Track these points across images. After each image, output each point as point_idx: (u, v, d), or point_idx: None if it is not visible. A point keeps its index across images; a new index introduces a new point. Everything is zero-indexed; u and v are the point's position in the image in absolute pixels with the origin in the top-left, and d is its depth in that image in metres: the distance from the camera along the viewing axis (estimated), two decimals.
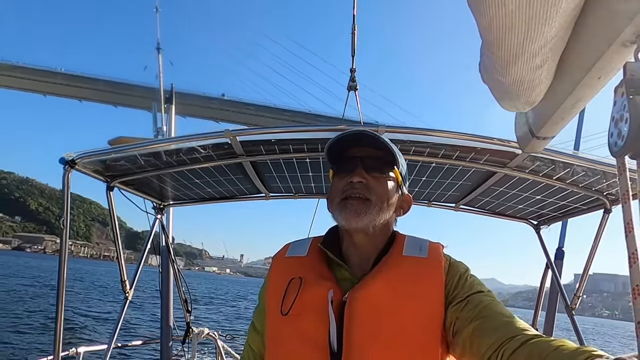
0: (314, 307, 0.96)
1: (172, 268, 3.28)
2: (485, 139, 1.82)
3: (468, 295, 0.94)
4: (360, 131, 1.04)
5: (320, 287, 0.98)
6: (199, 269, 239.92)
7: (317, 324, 0.94)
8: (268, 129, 1.99)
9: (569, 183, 2.09)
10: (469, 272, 1.02)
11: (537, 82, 0.73)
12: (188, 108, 55.56)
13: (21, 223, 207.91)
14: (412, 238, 1.09)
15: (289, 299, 0.98)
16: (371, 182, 1.02)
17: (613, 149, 0.59)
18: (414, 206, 1.13)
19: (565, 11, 0.57)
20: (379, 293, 0.95)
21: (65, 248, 2.14)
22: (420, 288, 0.97)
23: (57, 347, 2.05)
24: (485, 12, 0.57)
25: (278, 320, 0.99)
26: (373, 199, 1.01)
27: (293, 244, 1.16)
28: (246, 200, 2.83)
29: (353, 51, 3.43)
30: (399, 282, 0.97)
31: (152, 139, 5.44)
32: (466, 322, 0.90)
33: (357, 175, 1.01)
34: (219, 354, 3.63)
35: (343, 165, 1.06)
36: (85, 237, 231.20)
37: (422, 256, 1.02)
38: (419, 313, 0.94)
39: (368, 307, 0.94)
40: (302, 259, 1.09)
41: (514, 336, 0.80)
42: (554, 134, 0.95)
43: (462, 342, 0.89)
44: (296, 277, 1.01)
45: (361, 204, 1.00)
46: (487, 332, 0.85)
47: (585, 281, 2.56)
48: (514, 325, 0.84)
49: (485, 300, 0.93)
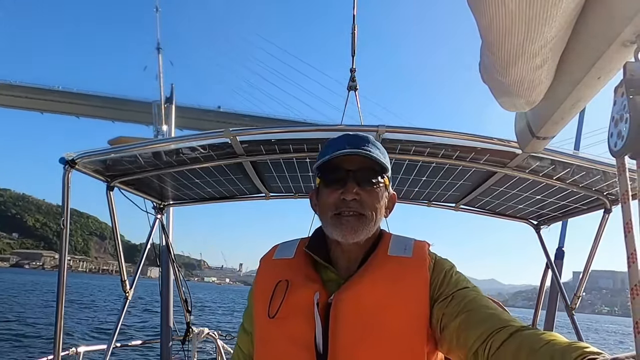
0: (300, 309, 0.97)
1: (172, 268, 3.28)
2: (486, 139, 1.82)
3: (453, 292, 0.95)
4: (355, 153, 1.00)
5: (306, 290, 0.99)
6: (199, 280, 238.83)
7: (303, 326, 0.95)
8: (268, 129, 1.99)
9: (569, 183, 2.09)
10: (454, 269, 1.03)
11: (537, 82, 0.73)
12: (185, 121, 56.32)
13: (19, 240, 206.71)
14: (398, 237, 1.10)
15: (276, 302, 0.99)
16: (364, 196, 1.00)
17: (613, 149, 0.59)
18: (413, 206, 1.12)
19: (566, 11, 0.57)
20: (363, 294, 0.96)
21: (66, 248, 2.14)
22: (405, 287, 0.97)
23: (57, 347, 2.05)
24: (485, 12, 0.57)
25: (265, 322, 1.00)
26: (367, 214, 1.01)
27: (281, 246, 1.16)
28: (246, 200, 2.83)
29: (353, 51, 3.43)
30: (384, 283, 0.97)
31: (152, 138, 5.44)
32: (452, 317, 0.90)
33: (349, 192, 0.99)
34: (219, 353, 3.63)
35: (334, 177, 1.03)
36: (83, 252, 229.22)
37: (407, 255, 1.03)
38: (405, 312, 0.94)
39: (353, 308, 0.95)
40: (289, 261, 1.09)
41: (501, 327, 0.80)
42: (554, 134, 0.95)
43: (449, 336, 0.90)
44: (283, 279, 1.02)
45: (357, 221, 1.00)
46: (474, 324, 0.86)
47: (586, 280, 2.57)
48: (501, 316, 0.85)
49: (471, 294, 0.94)
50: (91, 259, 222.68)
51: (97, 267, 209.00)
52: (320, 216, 1.08)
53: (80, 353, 2.91)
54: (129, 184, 2.44)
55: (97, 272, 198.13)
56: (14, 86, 63.02)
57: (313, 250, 1.07)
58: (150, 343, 4.16)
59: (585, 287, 2.59)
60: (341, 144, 1.03)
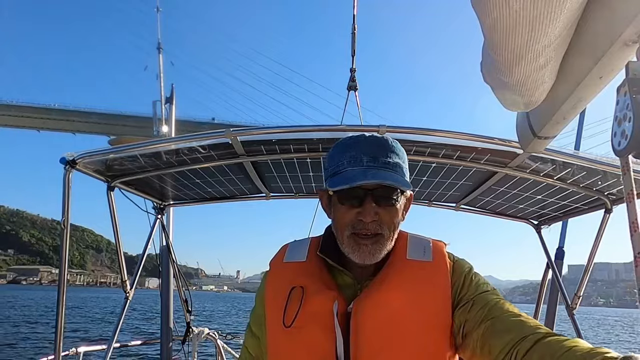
0: (318, 319, 0.93)
1: (172, 268, 3.27)
2: (486, 138, 1.82)
3: (474, 296, 0.93)
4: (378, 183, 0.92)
5: (324, 298, 0.95)
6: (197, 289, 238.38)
7: (322, 337, 0.92)
8: (269, 129, 1.99)
9: (569, 183, 2.09)
10: (473, 271, 1.01)
11: (540, 82, 0.73)
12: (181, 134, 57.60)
13: (14, 256, 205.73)
14: (415, 238, 1.07)
15: (292, 310, 0.94)
16: (382, 215, 0.95)
17: (616, 148, 0.59)
18: (412, 206, 1.11)
19: (569, 11, 0.57)
20: (384, 303, 0.93)
21: (66, 248, 2.14)
22: (427, 293, 0.94)
23: (58, 347, 2.04)
24: (489, 12, 0.57)
25: (281, 332, 0.95)
26: (385, 233, 0.96)
27: (291, 246, 1.11)
28: (247, 200, 2.83)
29: (353, 51, 3.44)
30: (405, 290, 0.94)
31: (153, 138, 5.43)
32: (475, 324, 0.88)
33: (368, 213, 0.93)
34: (219, 353, 3.62)
35: (350, 194, 0.95)
36: (79, 265, 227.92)
37: (427, 259, 1.00)
38: (427, 320, 0.92)
39: (374, 318, 0.91)
40: (302, 264, 1.04)
41: (525, 336, 0.79)
42: (556, 134, 0.95)
43: (473, 344, 0.88)
44: (297, 285, 0.97)
45: (375, 244, 0.95)
46: (499, 333, 0.83)
47: (586, 280, 2.57)
48: (526, 324, 0.83)
49: (493, 299, 0.92)
50: (88, 272, 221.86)
51: (95, 280, 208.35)
52: (334, 230, 1.02)
53: (80, 353, 2.91)
54: (129, 184, 2.43)
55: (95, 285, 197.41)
56: (11, 106, 64.36)
57: (327, 254, 1.03)
58: (150, 343, 4.15)
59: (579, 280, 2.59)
60: (358, 157, 0.94)
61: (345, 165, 0.95)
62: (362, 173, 0.92)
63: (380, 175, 0.92)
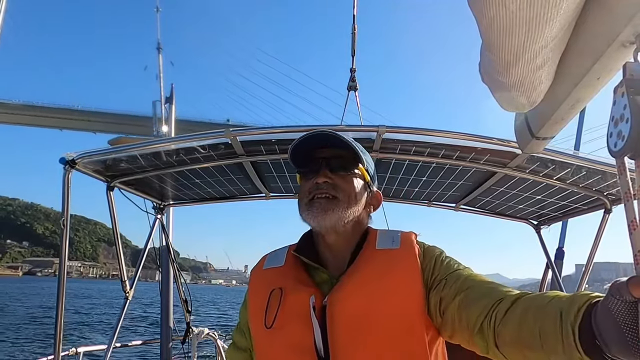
0: (297, 314, 0.96)
1: (172, 268, 3.28)
2: (486, 139, 1.82)
3: (447, 275, 0.94)
4: (321, 132, 1.03)
5: (300, 294, 0.97)
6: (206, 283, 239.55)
7: (301, 332, 0.94)
8: (268, 129, 1.99)
9: (569, 183, 2.09)
10: (444, 254, 1.02)
11: (538, 83, 0.73)
12: None
13: (29, 248, 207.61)
14: (385, 231, 1.09)
15: (272, 312, 0.97)
16: (337, 180, 1.03)
17: (612, 149, 0.59)
18: (415, 206, 1.12)
19: (566, 11, 0.57)
20: (356, 292, 0.95)
21: (66, 249, 2.15)
22: (397, 279, 0.96)
23: (57, 347, 2.05)
24: (486, 13, 0.57)
25: (264, 333, 0.99)
26: (340, 196, 1.02)
27: (270, 256, 1.15)
28: (246, 200, 2.83)
29: (353, 51, 3.43)
30: (375, 278, 0.96)
31: (153, 138, 5.44)
32: (450, 299, 0.89)
33: (322, 176, 1.02)
34: (219, 353, 3.63)
35: (308, 167, 1.06)
36: (92, 258, 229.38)
37: (395, 247, 1.02)
38: (400, 304, 0.93)
39: (347, 308, 0.93)
40: (280, 269, 1.08)
41: (502, 298, 0.80)
42: (554, 135, 0.95)
43: (451, 318, 0.89)
44: (276, 287, 1.01)
45: (328, 202, 1.01)
46: (474, 300, 0.85)
47: (586, 280, 2.57)
48: (500, 289, 0.84)
49: (465, 273, 0.93)
50: (100, 264, 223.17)
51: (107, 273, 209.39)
52: (299, 210, 1.07)
53: (80, 353, 2.91)
54: (129, 184, 2.44)
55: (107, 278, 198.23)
56: (36, 107, 70.06)
57: (301, 253, 1.06)
58: (150, 343, 4.16)
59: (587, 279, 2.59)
60: (312, 135, 1.05)
61: None
62: (307, 136, 1.04)
63: (325, 134, 1.03)
